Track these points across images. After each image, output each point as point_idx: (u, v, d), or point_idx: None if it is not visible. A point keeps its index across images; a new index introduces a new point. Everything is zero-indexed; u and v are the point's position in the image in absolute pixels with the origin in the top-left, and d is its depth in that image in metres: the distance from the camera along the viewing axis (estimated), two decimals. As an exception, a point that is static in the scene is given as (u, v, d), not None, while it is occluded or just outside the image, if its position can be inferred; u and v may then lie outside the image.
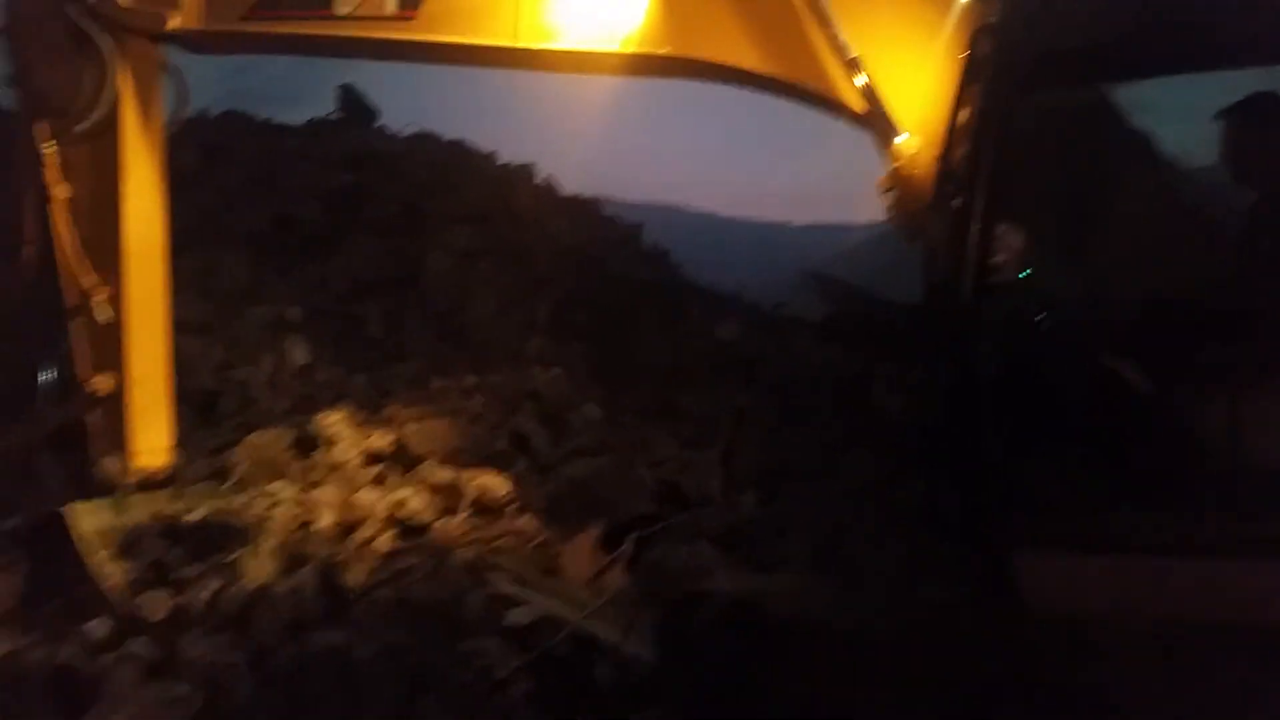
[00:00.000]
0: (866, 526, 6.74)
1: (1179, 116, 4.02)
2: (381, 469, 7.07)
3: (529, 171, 11.36)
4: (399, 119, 11.83)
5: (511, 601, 5.02)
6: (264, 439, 7.14)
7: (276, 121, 11.07)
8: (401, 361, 8.81)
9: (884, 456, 7.76)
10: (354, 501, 6.28)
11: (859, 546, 6.62)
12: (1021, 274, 3.61)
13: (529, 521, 6.47)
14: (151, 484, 4.95)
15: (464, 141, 11.51)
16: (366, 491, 6.49)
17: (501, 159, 11.50)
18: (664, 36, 4.10)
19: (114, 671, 4.49)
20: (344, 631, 4.44)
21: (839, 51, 3.92)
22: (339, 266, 9.38)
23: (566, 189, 12.04)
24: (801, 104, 4.35)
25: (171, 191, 5.10)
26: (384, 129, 11.41)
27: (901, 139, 3.95)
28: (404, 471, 7.20)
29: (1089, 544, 3.27)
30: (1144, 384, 3.44)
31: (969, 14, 3.71)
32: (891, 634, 4.28)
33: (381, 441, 7.53)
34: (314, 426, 7.44)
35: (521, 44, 4.21)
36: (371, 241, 9.64)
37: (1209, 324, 3.39)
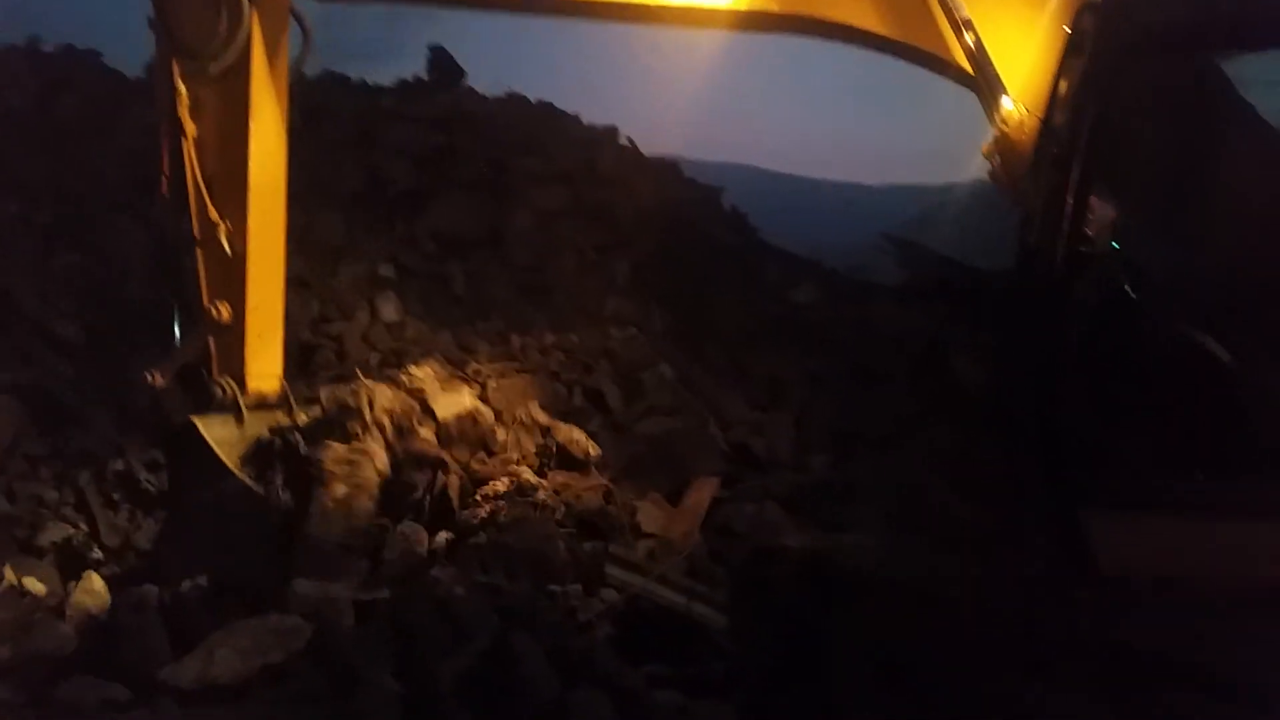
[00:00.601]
0: (939, 492, 6.83)
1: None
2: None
3: (613, 133, 11.50)
4: (486, 79, 12.05)
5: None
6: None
7: (371, 82, 11.37)
8: (484, 319, 9.11)
9: (960, 424, 7.80)
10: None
11: (930, 510, 6.73)
12: (1113, 244, 3.68)
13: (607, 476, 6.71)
14: (263, 405, 5.36)
15: (551, 103, 11.68)
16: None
17: (587, 120, 11.66)
18: None
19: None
20: (444, 570, 4.77)
21: (950, 11, 3.99)
22: (427, 225, 9.69)
23: (648, 150, 12.16)
24: (910, 62, 4.45)
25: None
26: (473, 90, 11.64)
27: (1007, 105, 4.02)
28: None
29: (1166, 508, 3.37)
30: (1225, 355, 3.50)
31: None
32: (964, 590, 4.42)
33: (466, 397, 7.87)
34: (403, 380, 7.81)
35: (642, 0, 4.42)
36: (459, 200, 9.93)
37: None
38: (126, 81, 11.56)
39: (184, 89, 5.06)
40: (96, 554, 6.18)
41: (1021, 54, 4.20)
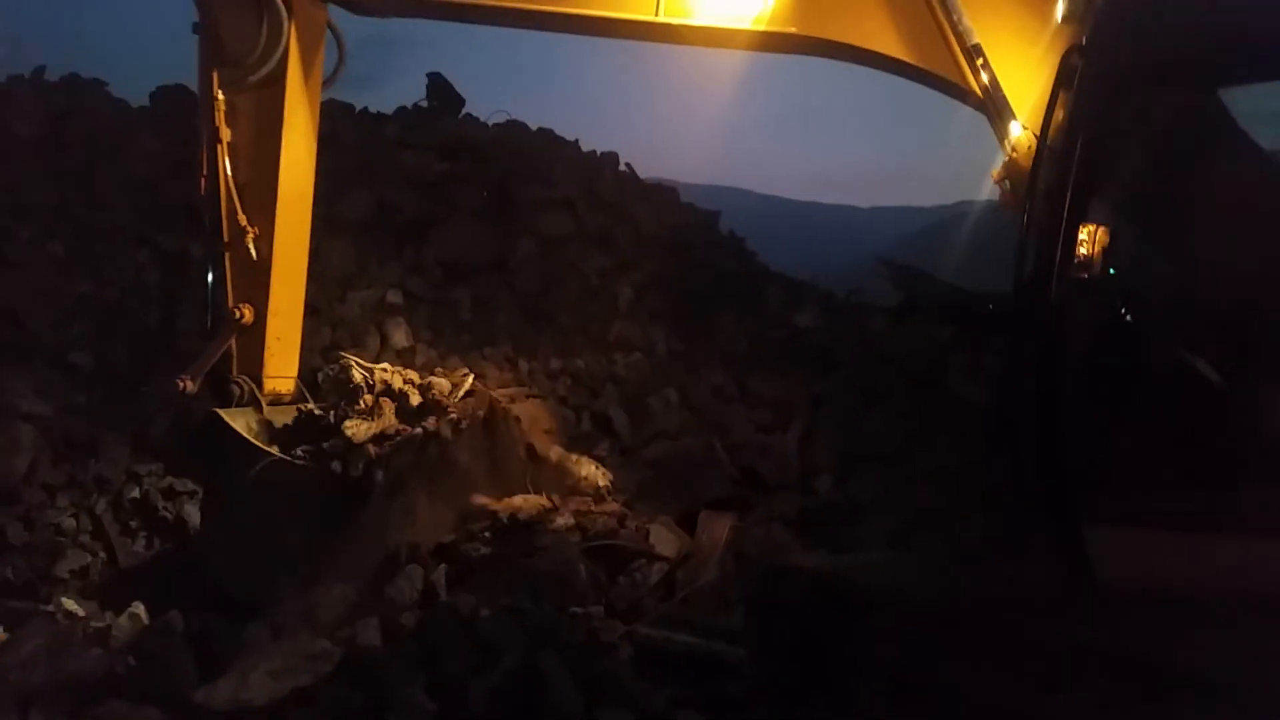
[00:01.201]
0: (942, 510, 6.96)
1: (1263, 121, 4.18)
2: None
3: (613, 159, 11.66)
4: (483, 107, 12.23)
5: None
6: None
7: (373, 110, 11.52)
8: (492, 345, 9.24)
9: (959, 442, 7.95)
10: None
11: (935, 529, 6.85)
12: (1106, 270, 3.85)
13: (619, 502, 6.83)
14: (278, 404, 5.61)
15: (551, 130, 11.85)
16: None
17: (586, 146, 11.84)
18: (792, 16, 4.50)
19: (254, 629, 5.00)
20: (470, 595, 4.88)
21: (961, 37, 4.17)
22: (434, 252, 9.83)
23: (647, 175, 12.32)
24: (924, 85, 4.61)
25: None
26: (473, 117, 11.80)
27: (1016, 130, 4.19)
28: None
29: (1164, 523, 3.52)
30: (1217, 373, 3.67)
31: (1063, 28, 3.93)
32: (973, 605, 4.55)
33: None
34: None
35: (662, 19, 4.63)
36: (464, 227, 10.08)
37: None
38: (131, 111, 11.71)
39: (222, 96, 5.31)
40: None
41: (1037, 79, 4.36)
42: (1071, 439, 3.75)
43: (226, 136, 5.35)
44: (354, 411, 5.63)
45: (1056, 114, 3.94)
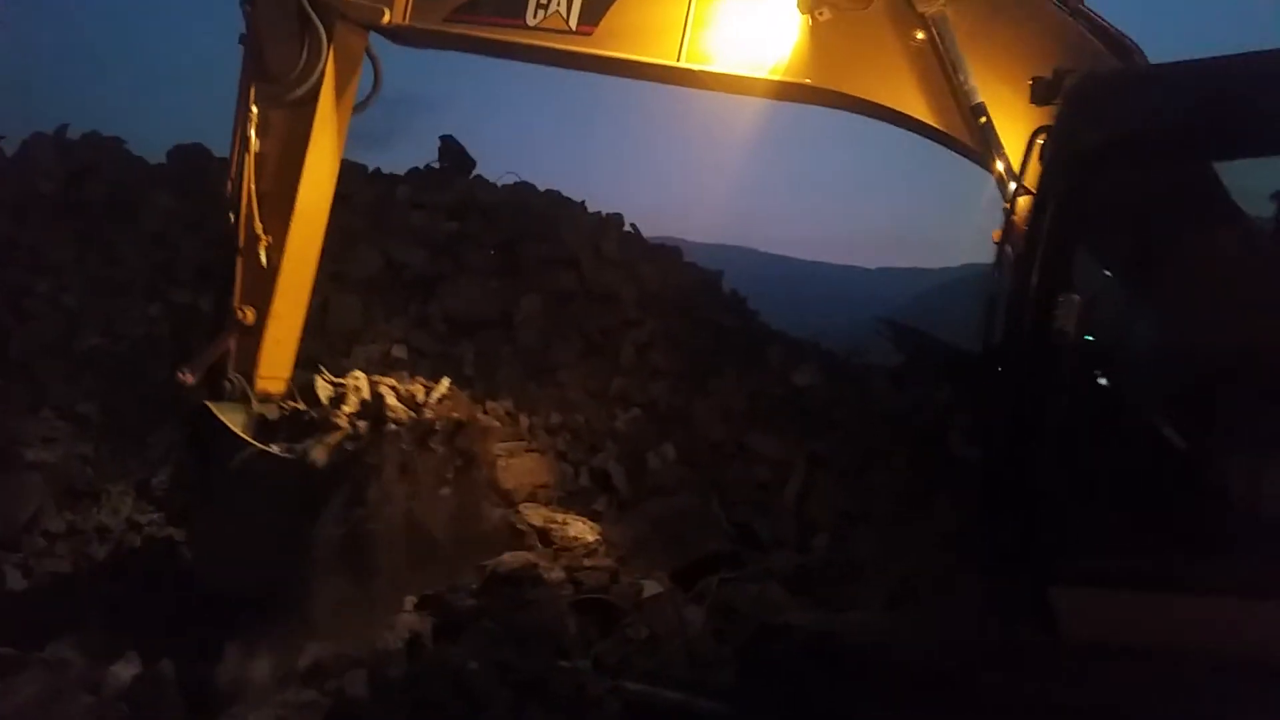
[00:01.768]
0: (941, 571, 6.95)
1: (1221, 196, 4.34)
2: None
3: (618, 219, 11.88)
4: (495, 169, 12.50)
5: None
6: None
7: (386, 171, 11.81)
8: (493, 399, 9.33)
9: (959, 503, 7.95)
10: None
11: (934, 590, 6.83)
12: (1070, 335, 3.97)
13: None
14: (268, 401, 5.76)
15: (558, 191, 12.11)
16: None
17: (592, 207, 12.08)
18: (807, 68, 4.65)
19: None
20: (458, 648, 4.91)
21: (965, 96, 4.31)
22: (440, 307, 10.00)
23: (653, 233, 12.53)
24: (937, 143, 4.73)
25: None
26: (483, 178, 12.07)
27: (1015, 193, 4.29)
28: (493, 505, 7.69)
29: (1131, 583, 3.57)
30: (1181, 437, 3.75)
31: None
32: (962, 666, 4.54)
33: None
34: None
35: (683, 64, 4.80)
36: (470, 285, 10.26)
37: (1243, 386, 3.71)
38: (149, 168, 12.03)
39: (255, 109, 5.55)
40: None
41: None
42: (1036, 499, 3.82)
43: (255, 147, 5.59)
44: (327, 421, 5.68)
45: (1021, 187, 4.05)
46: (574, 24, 4.89)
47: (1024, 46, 4.35)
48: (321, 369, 6.05)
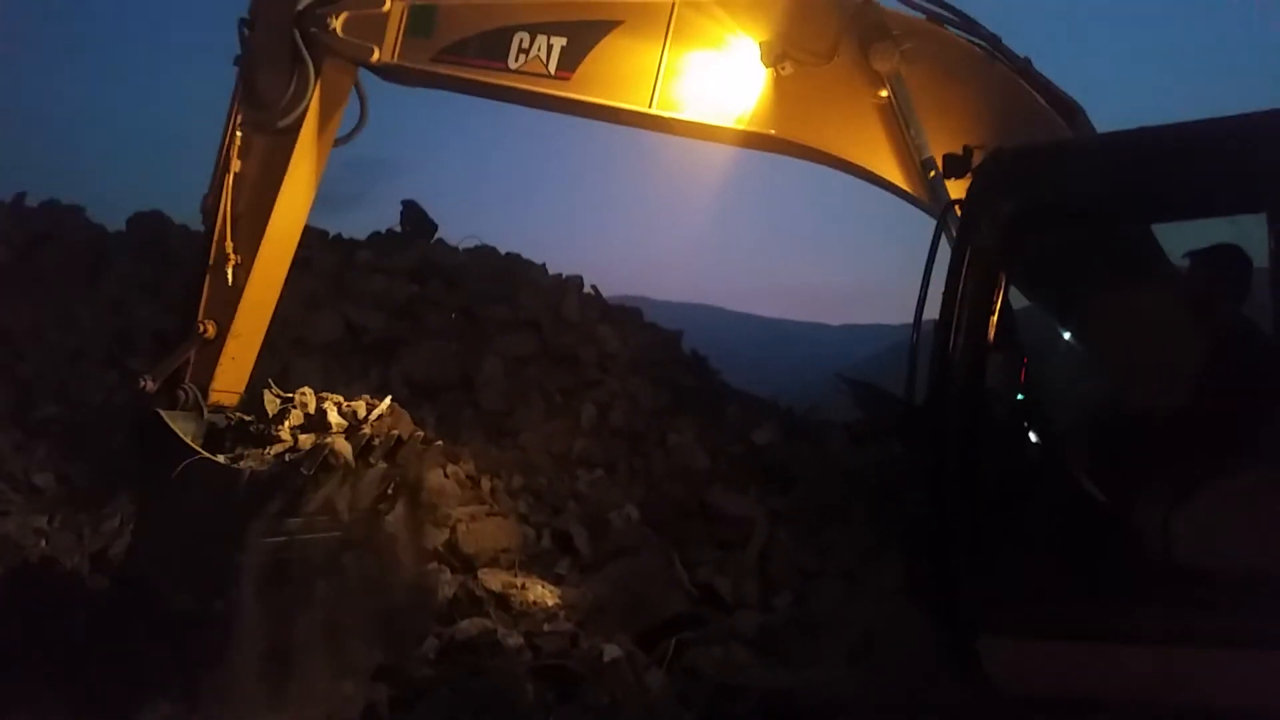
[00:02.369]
0: (899, 626, 7.01)
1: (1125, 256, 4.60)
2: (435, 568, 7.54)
3: (578, 281, 12.04)
4: (457, 232, 12.64)
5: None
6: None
7: (346, 236, 11.92)
8: (455, 463, 9.33)
9: (912, 559, 8.04)
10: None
11: (891, 645, 6.89)
12: (992, 392, 4.16)
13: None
14: (219, 411, 5.84)
15: (518, 254, 12.27)
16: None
17: (553, 269, 12.24)
18: (771, 120, 4.87)
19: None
20: (413, 718, 4.88)
21: (916, 151, 4.49)
22: (400, 371, 10.03)
23: (614, 294, 12.71)
24: (893, 194, 4.90)
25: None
26: (444, 242, 12.22)
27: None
28: (454, 570, 7.66)
29: (1059, 634, 3.69)
30: (1098, 491, 3.92)
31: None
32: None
33: (435, 541, 8.05)
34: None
35: (654, 111, 5.02)
36: (431, 348, 10.31)
37: (1155, 441, 3.90)
38: (108, 236, 12.03)
39: (240, 132, 5.71)
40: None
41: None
42: (963, 553, 3.94)
43: (235, 168, 5.71)
44: (270, 433, 5.77)
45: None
46: (553, 69, 5.13)
47: (974, 105, 4.58)
48: (270, 383, 6.13)
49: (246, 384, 6.09)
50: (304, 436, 5.71)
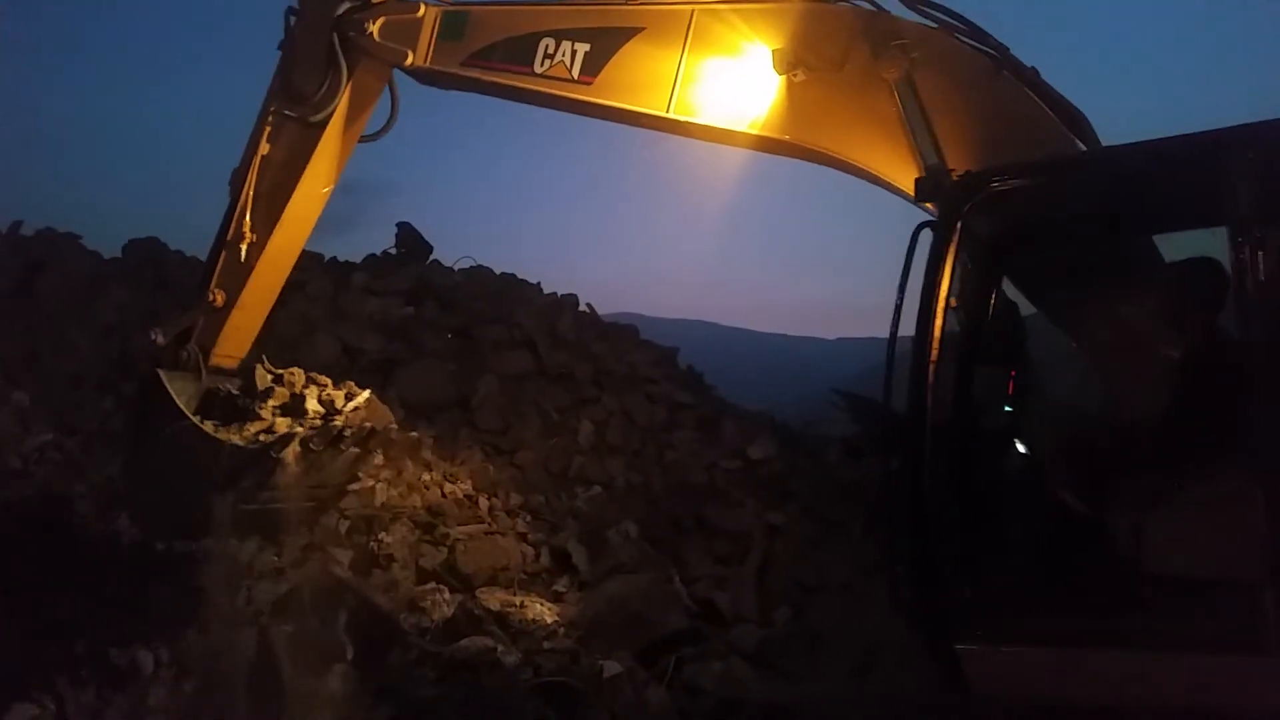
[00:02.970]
0: (897, 640, 7.03)
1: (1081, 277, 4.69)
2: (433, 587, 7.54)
3: (573, 299, 12.10)
4: (452, 253, 12.72)
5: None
6: (325, 562, 7.67)
7: (342, 259, 11.96)
8: (452, 483, 9.35)
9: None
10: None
11: (890, 659, 6.90)
12: (970, 405, 4.23)
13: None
14: (219, 373, 6.18)
15: (513, 274, 12.33)
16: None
17: (548, 288, 12.30)
18: (785, 125, 4.96)
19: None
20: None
21: (922, 158, 4.56)
22: (397, 392, 10.04)
23: (609, 311, 12.78)
24: (906, 201, 4.97)
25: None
26: (439, 263, 12.27)
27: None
28: (453, 590, 7.67)
29: (1034, 640, 3.74)
30: (1073, 503, 3.98)
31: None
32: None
33: (434, 561, 8.06)
34: (373, 547, 8.00)
35: (672, 115, 5.14)
36: (427, 368, 10.34)
37: (1129, 454, 3.96)
38: (103, 263, 12.06)
39: (273, 117, 5.96)
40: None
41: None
42: (942, 561, 3.99)
43: (264, 150, 5.96)
44: (251, 410, 6.05)
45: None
46: (576, 74, 5.28)
47: (981, 114, 4.62)
48: (263, 359, 6.41)
49: (247, 352, 6.40)
50: (280, 420, 6.03)
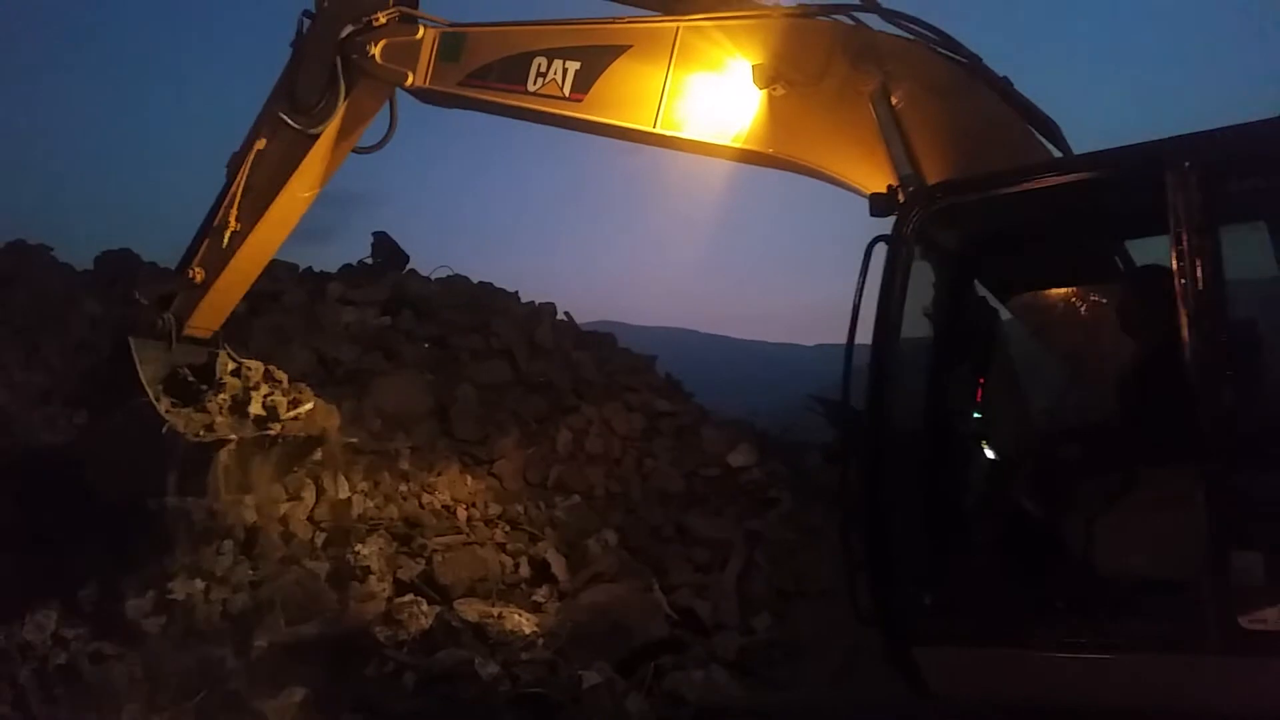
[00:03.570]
0: (878, 646, 7.05)
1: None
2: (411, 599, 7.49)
3: (550, 308, 12.07)
4: (429, 263, 12.67)
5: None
6: (301, 574, 7.61)
7: (317, 269, 11.89)
8: (430, 493, 9.29)
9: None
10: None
11: (871, 665, 6.91)
12: (927, 411, 4.26)
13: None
14: (190, 342, 6.64)
15: (490, 283, 12.29)
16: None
17: (525, 297, 12.26)
18: (767, 138, 5.12)
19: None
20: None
21: (895, 168, 4.61)
22: (373, 403, 9.98)
23: (587, 320, 12.76)
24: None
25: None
26: (416, 273, 12.20)
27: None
28: (430, 601, 7.61)
29: (989, 639, 3.76)
30: (1034, 505, 4.02)
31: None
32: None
33: (411, 572, 8.01)
34: (349, 559, 7.92)
35: (658, 130, 5.33)
36: (404, 378, 10.28)
37: (1083, 453, 4.02)
38: (75, 275, 11.92)
39: (272, 117, 6.27)
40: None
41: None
42: (900, 565, 4.03)
43: (260, 145, 6.27)
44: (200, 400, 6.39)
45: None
46: (567, 91, 5.49)
47: (956, 123, 4.72)
48: (225, 346, 6.77)
49: (220, 324, 6.85)
50: (220, 420, 6.37)
